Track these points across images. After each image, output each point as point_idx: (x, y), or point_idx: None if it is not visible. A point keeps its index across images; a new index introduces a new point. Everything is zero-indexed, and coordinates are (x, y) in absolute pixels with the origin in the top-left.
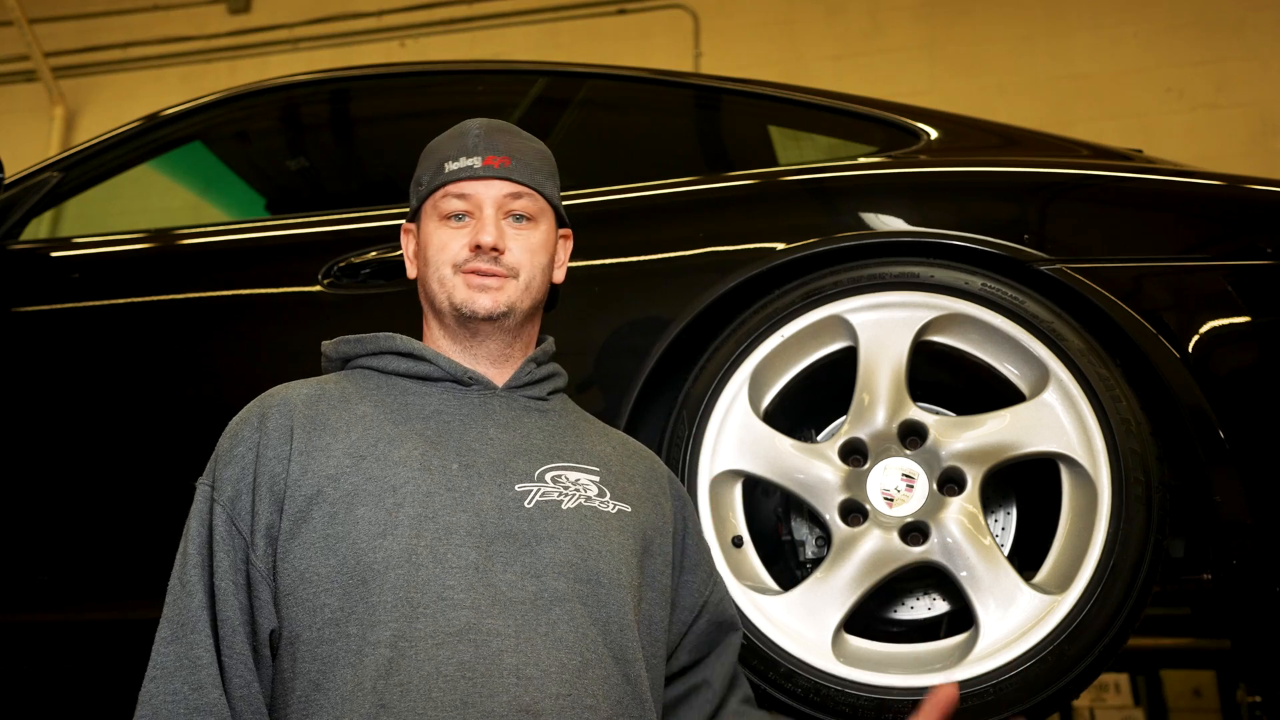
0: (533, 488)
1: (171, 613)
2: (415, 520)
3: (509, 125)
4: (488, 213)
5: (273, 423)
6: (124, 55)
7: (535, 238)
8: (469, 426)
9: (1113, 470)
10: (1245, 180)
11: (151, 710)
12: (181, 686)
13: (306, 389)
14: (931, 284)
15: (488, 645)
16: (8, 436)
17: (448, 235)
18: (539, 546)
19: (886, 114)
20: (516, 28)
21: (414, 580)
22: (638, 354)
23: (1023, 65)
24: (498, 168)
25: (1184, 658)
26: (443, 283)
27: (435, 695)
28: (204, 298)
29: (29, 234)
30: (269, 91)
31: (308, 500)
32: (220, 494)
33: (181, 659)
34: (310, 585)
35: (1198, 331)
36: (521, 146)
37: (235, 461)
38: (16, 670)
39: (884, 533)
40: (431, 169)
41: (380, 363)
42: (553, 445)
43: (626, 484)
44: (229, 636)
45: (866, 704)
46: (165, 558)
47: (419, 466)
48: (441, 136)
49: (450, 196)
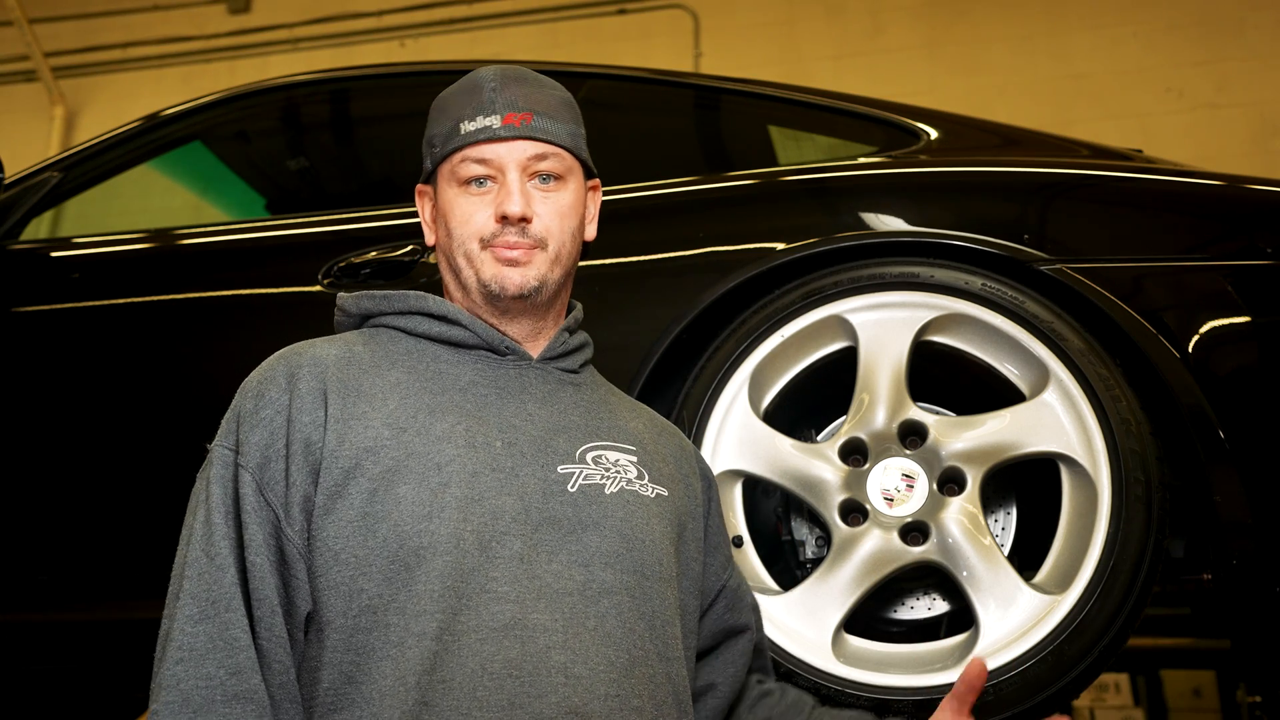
0: (575, 469)
1: (197, 588)
2: (462, 502)
3: (525, 72)
4: (511, 177)
5: (304, 384)
6: (124, 55)
7: (565, 199)
8: (507, 401)
9: (1113, 470)
10: (1245, 180)
11: (181, 696)
12: (217, 670)
13: (334, 348)
14: (931, 284)
15: (534, 641)
16: (7, 436)
17: (470, 205)
18: (585, 534)
19: (886, 114)
20: (516, 28)
21: (460, 569)
22: (637, 354)
23: (1023, 65)
24: (519, 126)
25: (1184, 658)
26: (470, 258)
27: (480, 695)
28: (204, 298)
29: (29, 234)
30: (269, 91)
31: (344, 473)
32: (246, 459)
33: (215, 640)
34: (346, 568)
35: (1198, 331)
36: (542, 97)
37: (262, 425)
38: (16, 670)
39: (884, 533)
40: (445, 129)
41: (408, 323)
42: (589, 422)
43: (661, 464)
44: (267, 617)
45: (867, 704)
46: (166, 556)
47: (464, 443)
48: (452, 89)
49: (469, 161)
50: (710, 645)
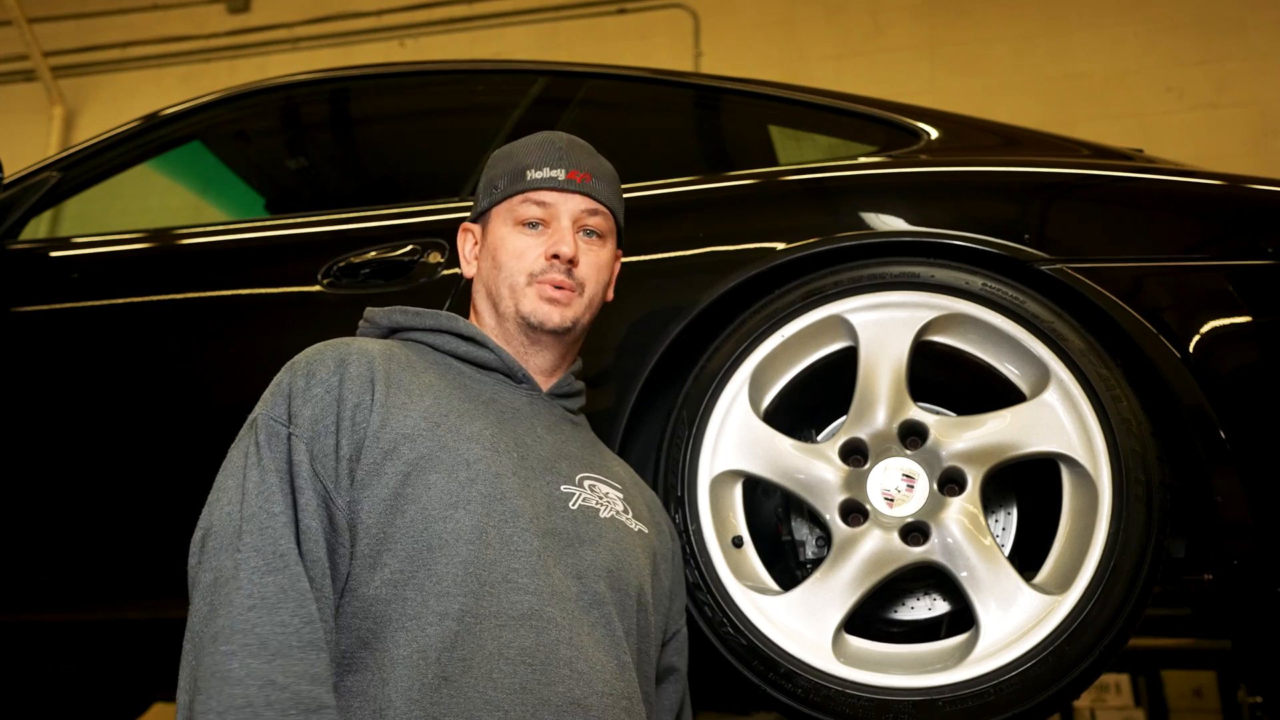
0: (575, 491)
1: (261, 541)
2: (486, 499)
3: (588, 144)
4: (564, 224)
5: (354, 369)
6: (123, 55)
7: (603, 255)
8: (520, 420)
9: (1113, 470)
10: (1245, 180)
11: (259, 640)
12: (290, 619)
13: (377, 345)
14: (932, 284)
15: (547, 634)
16: (6, 435)
17: (523, 243)
18: (582, 549)
19: (886, 114)
20: (516, 27)
21: (483, 558)
22: (638, 354)
23: (1023, 65)
24: (579, 183)
25: (1185, 658)
26: (514, 290)
27: (496, 676)
28: (203, 298)
29: (28, 234)
30: (268, 91)
31: (384, 454)
32: (299, 430)
33: (286, 590)
34: (373, 540)
35: (1198, 331)
36: (600, 167)
37: (314, 400)
38: (17, 670)
39: (884, 533)
40: (510, 173)
41: (437, 340)
42: (586, 456)
43: (639, 507)
44: (320, 579)
45: (867, 704)
46: (165, 557)
47: (489, 446)
48: (522, 142)
49: (530, 203)
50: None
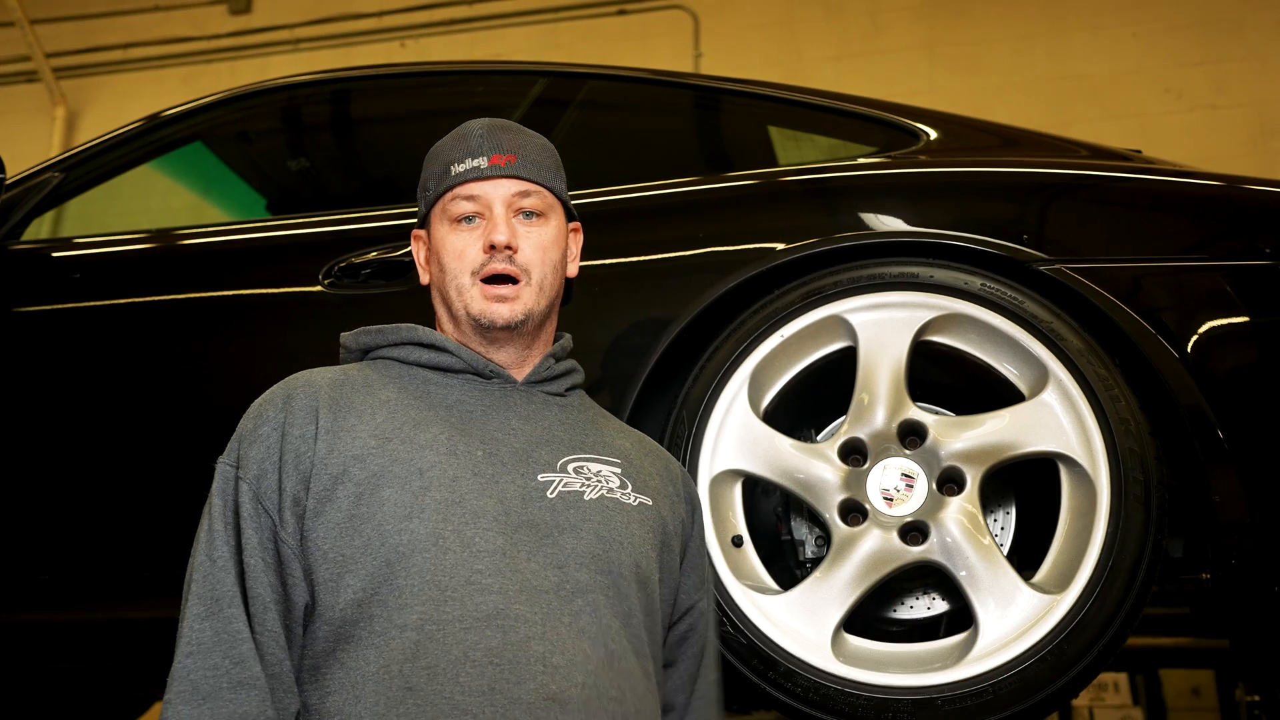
0: (555, 478)
1: (203, 589)
2: (442, 504)
3: (510, 123)
4: (498, 211)
5: (298, 403)
6: (125, 56)
7: (546, 234)
8: (490, 416)
9: (1112, 470)
10: (1245, 180)
11: (191, 686)
12: (222, 661)
13: (330, 374)
14: (931, 284)
15: (515, 631)
16: (8, 435)
17: (461, 241)
18: (561, 537)
19: (886, 114)
20: (517, 28)
21: (441, 564)
22: (638, 354)
23: (1022, 65)
24: (504, 166)
25: (1183, 657)
26: (460, 292)
27: (463, 680)
28: (205, 298)
29: (30, 234)
30: (270, 92)
31: (333, 479)
32: (245, 472)
33: (219, 634)
34: (333, 565)
35: (1197, 332)
36: (525, 143)
37: (260, 441)
38: (18, 670)
39: (883, 532)
40: (437, 173)
41: (401, 353)
42: (573, 437)
43: (646, 478)
44: (260, 613)
45: (866, 703)
46: (166, 556)
47: (445, 451)
48: (444, 139)
49: (459, 199)
50: (669, 659)
